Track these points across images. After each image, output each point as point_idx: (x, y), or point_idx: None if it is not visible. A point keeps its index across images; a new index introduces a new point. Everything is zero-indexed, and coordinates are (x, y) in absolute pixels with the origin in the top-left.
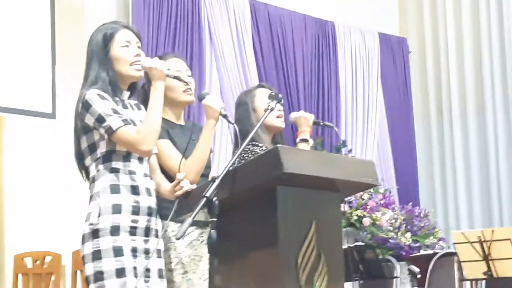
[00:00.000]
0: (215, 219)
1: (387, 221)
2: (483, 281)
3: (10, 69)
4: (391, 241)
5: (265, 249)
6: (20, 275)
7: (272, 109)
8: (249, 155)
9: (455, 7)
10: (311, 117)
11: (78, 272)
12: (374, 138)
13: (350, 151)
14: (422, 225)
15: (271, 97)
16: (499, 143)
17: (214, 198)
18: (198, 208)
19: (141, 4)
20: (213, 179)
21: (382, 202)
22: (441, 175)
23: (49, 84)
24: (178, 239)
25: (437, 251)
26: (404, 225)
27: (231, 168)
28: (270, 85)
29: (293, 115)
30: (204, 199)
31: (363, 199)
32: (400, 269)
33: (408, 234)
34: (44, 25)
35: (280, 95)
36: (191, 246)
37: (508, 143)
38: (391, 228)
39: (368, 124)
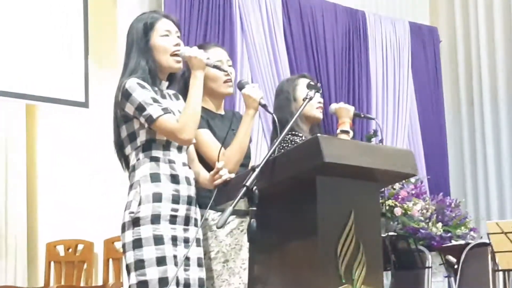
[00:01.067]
0: (255, 208)
1: (418, 211)
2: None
3: (44, 58)
4: (422, 231)
5: (304, 239)
6: (52, 263)
7: (311, 99)
8: (288, 145)
9: None
10: (351, 109)
11: (111, 260)
12: (405, 128)
13: (381, 141)
14: (453, 215)
15: (309, 86)
16: None
17: (254, 187)
18: (238, 197)
19: None
20: (253, 168)
21: (413, 192)
22: (471, 165)
23: (81, 73)
24: (219, 227)
25: (469, 241)
26: (435, 215)
27: (270, 158)
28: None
29: (334, 106)
30: (244, 188)
31: (394, 189)
32: (432, 259)
33: (439, 224)
34: (77, 15)
35: (319, 85)
36: (232, 235)
37: None
38: (422, 218)
39: (399, 114)
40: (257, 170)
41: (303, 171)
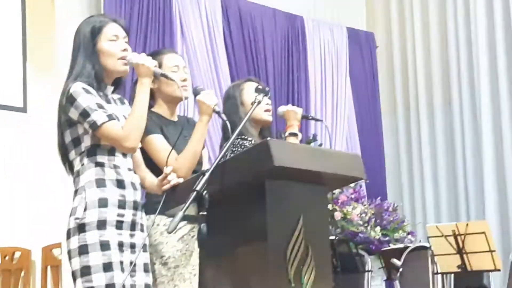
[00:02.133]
0: (205, 213)
1: (357, 215)
2: (452, 275)
3: None
4: (361, 235)
5: (254, 243)
6: None
7: (259, 102)
8: (238, 149)
9: (421, 2)
10: (299, 111)
11: (49, 267)
12: (343, 133)
13: (320, 145)
14: (391, 219)
15: (258, 90)
16: (466, 137)
17: (204, 192)
18: (188, 202)
19: None
20: (203, 173)
21: (352, 196)
22: (408, 169)
23: (20, 78)
24: (170, 232)
25: (407, 244)
26: (373, 219)
27: (220, 162)
28: (241, 77)
29: (281, 109)
30: (195, 193)
31: (334, 193)
32: (371, 263)
33: (378, 228)
34: (15, 19)
35: (267, 88)
36: (183, 241)
37: (474, 137)
38: (361, 222)
39: (337, 118)
40: (207, 174)
41: (253, 175)
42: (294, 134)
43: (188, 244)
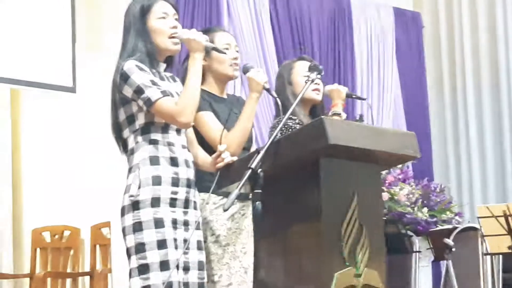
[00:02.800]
0: (260, 191)
1: (405, 195)
2: (500, 256)
3: (29, 43)
4: (408, 216)
5: (308, 222)
6: (38, 250)
7: (312, 81)
8: (283, 128)
9: None
10: (344, 90)
11: (98, 246)
12: (390, 113)
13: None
14: (438, 200)
15: (311, 68)
16: None
17: (259, 170)
18: (243, 180)
19: None
20: (257, 151)
21: (400, 177)
22: (455, 150)
23: (69, 58)
24: (226, 210)
25: (455, 225)
26: (421, 200)
27: (275, 140)
28: (287, 59)
29: (327, 88)
30: (250, 171)
31: (381, 173)
32: (419, 244)
33: (425, 209)
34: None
35: (321, 67)
36: (233, 219)
37: None
38: (408, 203)
39: (383, 99)
40: (262, 152)
41: (307, 153)
42: (338, 114)
43: (238, 222)
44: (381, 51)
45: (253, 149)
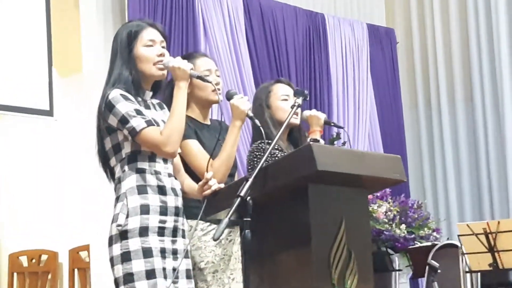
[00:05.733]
0: (249, 219)
1: (383, 213)
2: (479, 273)
3: (5, 67)
4: (386, 233)
5: (297, 248)
6: (15, 274)
7: (299, 106)
8: (261, 153)
9: None
10: (322, 116)
11: (76, 270)
12: (365, 129)
13: (344, 143)
14: (416, 216)
15: (296, 93)
16: (489, 133)
17: (248, 198)
18: (233, 208)
19: None
20: (246, 178)
21: (378, 194)
22: (430, 166)
23: (45, 81)
24: (216, 239)
25: (434, 242)
26: (398, 216)
27: (262, 167)
28: (263, 76)
29: (305, 113)
30: (239, 199)
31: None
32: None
33: (403, 226)
34: (39, 23)
35: (306, 92)
36: (220, 245)
37: (497, 134)
38: (386, 220)
39: (359, 115)
40: (251, 179)
41: (296, 179)
42: (316, 141)
43: (226, 249)
44: (356, 67)
45: (237, 174)
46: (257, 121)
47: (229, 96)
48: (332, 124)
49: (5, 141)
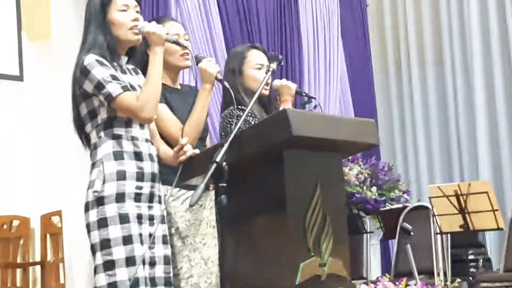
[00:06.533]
0: (224, 185)
1: (354, 176)
2: (448, 234)
3: None
4: (357, 195)
5: (273, 212)
6: None
7: (273, 71)
8: (235, 119)
9: None
10: (294, 86)
11: (48, 235)
12: (336, 93)
13: (315, 107)
14: (387, 178)
15: (271, 58)
16: (458, 94)
17: (224, 163)
18: (209, 174)
19: None
20: (221, 144)
21: (349, 157)
22: (400, 128)
23: (15, 46)
24: (192, 205)
25: (405, 204)
26: (369, 179)
27: (237, 132)
28: (234, 40)
29: (276, 83)
30: (215, 164)
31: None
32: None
33: (374, 188)
34: None
35: (280, 57)
36: (190, 211)
37: (467, 95)
38: (357, 182)
39: (330, 79)
40: (226, 145)
41: (271, 145)
42: None
43: (197, 214)
44: (327, 30)
45: (209, 138)
46: (226, 83)
47: (197, 60)
48: (304, 94)
49: None
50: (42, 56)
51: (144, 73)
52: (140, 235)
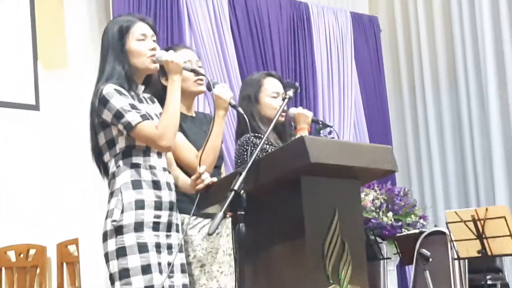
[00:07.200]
0: (242, 213)
1: (370, 201)
2: (466, 260)
3: None
4: (373, 221)
5: (291, 240)
6: (3, 269)
7: (290, 98)
8: (252, 147)
9: None
10: (310, 115)
11: (64, 264)
12: (351, 118)
13: (330, 132)
14: (403, 204)
15: (288, 85)
16: (473, 118)
17: (242, 191)
18: (227, 202)
19: None
20: (239, 172)
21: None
22: (415, 153)
23: (31, 75)
24: (210, 234)
25: (421, 229)
26: (385, 204)
27: (255, 160)
28: (248, 66)
29: (292, 111)
30: (233, 193)
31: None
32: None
33: (390, 214)
34: (24, 17)
35: (296, 84)
36: (207, 239)
37: (482, 119)
38: (373, 208)
39: (344, 105)
40: (244, 173)
41: (288, 172)
42: None
43: (214, 242)
44: (340, 56)
45: (224, 167)
46: (240, 109)
47: (210, 86)
48: (321, 122)
49: None
50: (58, 85)
51: (159, 101)
52: (159, 264)
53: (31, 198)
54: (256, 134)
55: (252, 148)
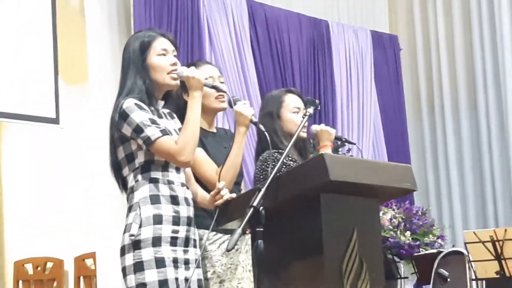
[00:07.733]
0: (261, 229)
1: (388, 220)
2: (484, 280)
3: (13, 75)
4: (391, 240)
5: (310, 257)
6: (21, 282)
7: (310, 116)
8: (274, 163)
9: (444, 4)
10: (333, 132)
11: (81, 277)
12: (369, 136)
13: (348, 150)
14: (421, 223)
15: (308, 102)
16: (492, 140)
17: (261, 208)
18: (246, 218)
19: (142, 5)
20: (258, 188)
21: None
22: (434, 172)
23: (52, 89)
24: (229, 250)
25: (439, 249)
26: (403, 223)
27: (274, 177)
28: (268, 83)
29: (315, 128)
30: (252, 209)
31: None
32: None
33: (408, 233)
34: (46, 32)
35: (317, 101)
36: (226, 255)
37: (501, 140)
38: (391, 227)
39: (364, 123)
40: (263, 189)
41: (308, 189)
42: None
43: (233, 258)
44: (360, 74)
45: (243, 183)
46: (261, 126)
47: (232, 103)
48: (344, 139)
49: (11, 149)
50: (79, 99)
51: (181, 116)
52: (176, 279)
53: (49, 212)
54: (279, 151)
55: (273, 164)
